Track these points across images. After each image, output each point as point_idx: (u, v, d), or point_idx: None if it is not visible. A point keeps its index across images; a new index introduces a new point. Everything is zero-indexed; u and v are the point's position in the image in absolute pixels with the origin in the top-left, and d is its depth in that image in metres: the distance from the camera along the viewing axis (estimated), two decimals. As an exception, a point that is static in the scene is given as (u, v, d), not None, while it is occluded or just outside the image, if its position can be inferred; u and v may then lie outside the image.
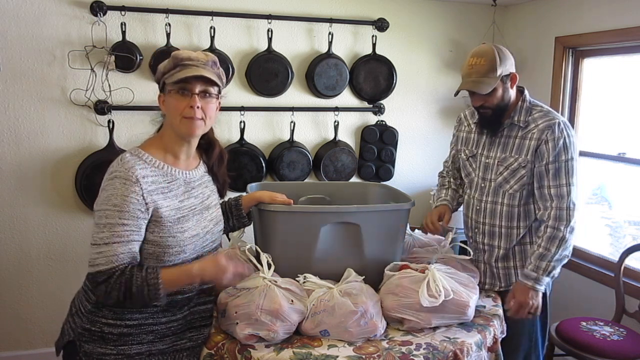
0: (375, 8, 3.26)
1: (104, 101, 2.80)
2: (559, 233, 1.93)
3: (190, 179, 1.63)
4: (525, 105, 2.07)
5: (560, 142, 1.96)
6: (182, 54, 1.55)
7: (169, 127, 1.59)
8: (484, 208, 2.15)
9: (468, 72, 2.00)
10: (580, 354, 2.40)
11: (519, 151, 2.04)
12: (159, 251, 1.52)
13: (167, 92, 1.56)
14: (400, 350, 1.63)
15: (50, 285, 2.92)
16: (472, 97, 2.05)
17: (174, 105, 1.54)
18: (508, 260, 2.14)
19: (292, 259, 1.85)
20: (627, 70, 2.89)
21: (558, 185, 1.97)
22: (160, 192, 1.52)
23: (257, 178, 3.07)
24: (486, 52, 1.98)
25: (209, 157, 1.74)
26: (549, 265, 1.92)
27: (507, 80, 2.01)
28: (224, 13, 2.95)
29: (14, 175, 2.79)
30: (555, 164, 1.97)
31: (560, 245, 1.93)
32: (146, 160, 1.54)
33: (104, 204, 1.46)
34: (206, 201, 1.68)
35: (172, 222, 1.53)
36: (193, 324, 1.68)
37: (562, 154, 1.96)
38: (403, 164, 3.49)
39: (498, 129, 2.09)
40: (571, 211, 1.95)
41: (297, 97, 3.19)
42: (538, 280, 1.92)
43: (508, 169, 2.06)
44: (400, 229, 1.96)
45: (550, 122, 1.99)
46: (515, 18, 3.47)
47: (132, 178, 1.46)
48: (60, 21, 2.74)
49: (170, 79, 1.53)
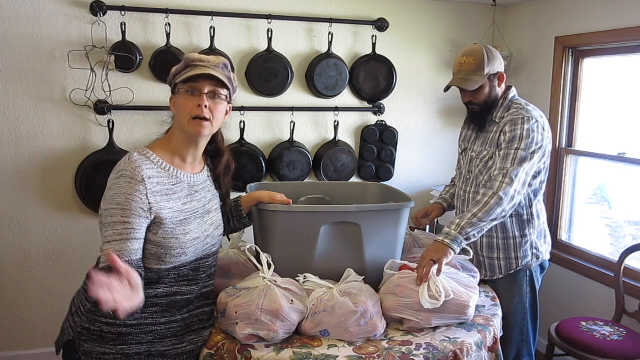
0: (375, 8, 3.26)
1: (104, 101, 2.80)
2: (484, 198, 1.98)
3: (194, 183, 1.64)
4: (506, 103, 2.17)
5: (517, 133, 2.04)
6: (193, 56, 1.57)
7: (178, 128, 1.59)
8: (467, 199, 2.25)
9: (458, 70, 2.14)
10: (580, 354, 2.40)
11: (490, 144, 2.15)
12: (161, 252, 1.52)
13: (177, 92, 1.58)
14: (400, 350, 1.63)
15: (50, 285, 2.92)
16: (461, 94, 2.20)
17: (182, 105, 1.55)
18: (492, 252, 2.20)
19: (292, 259, 1.85)
20: (627, 70, 2.89)
21: (502, 168, 2.02)
22: (165, 193, 1.53)
23: (257, 178, 3.07)
24: (475, 51, 2.11)
25: (215, 165, 1.74)
26: (462, 221, 1.94)
27: (495, 79, 2.14)
28: (224, 13, 2.95)
29: (14, 175, 2.79)
30: (506, 150, 2.04)
31: (481, 209, 1.95)
32: (153, 161, 1.55)
33: (109, 203, 1.47)
34: (207, 205, 1.68)
35: (175, 224, 1.53)
36: (193, 327, 1.68)
37: (514, 142, 2.03)
38: (403, 164, 3.49)
39: (484, 124, 2.20)
40: (506, 185, 1.97)
41: (297, 97, 3.19)
42: (449, 234, 1.93)
43: (482, 161, 2.17)
44: (400, 229, 1.96)
45: (515, 117, 2.08)
46: (515, 18, 3.47)
47: (138, 177, 1.47)
48: (60, 21, 2.74)
49: (180, 79, 1.55)
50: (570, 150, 3.13)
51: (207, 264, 1.68)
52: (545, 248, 2.25)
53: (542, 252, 2.23)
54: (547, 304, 3.02)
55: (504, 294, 2.17)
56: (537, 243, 2.20)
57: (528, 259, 2.19)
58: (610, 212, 3.07)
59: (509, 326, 2.14)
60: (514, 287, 2.20)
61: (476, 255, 2.22)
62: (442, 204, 2.43)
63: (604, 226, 3.07)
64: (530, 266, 2.20)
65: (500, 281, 2.21)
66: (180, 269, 1.58)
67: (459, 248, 1.92)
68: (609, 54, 2.94)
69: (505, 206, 1.96)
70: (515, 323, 2.19)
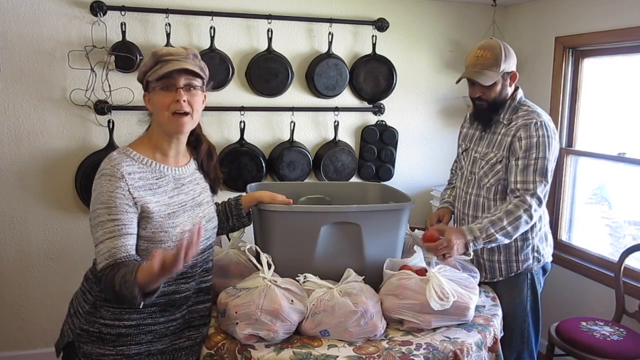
0: (375, 8, 3.26)
1: (104, 101, 2.80)
2: (517, 211, 1.98)
3: (179, 176, 1.63)
4: (514, 104, 2.14)
5: (533, 141, 2.02)
6: (161, 51, 1.56)
7: (157, 125, 1.59)
8: (469, 200, 2.23)
9: (473, 63, 2.08)
10: (580, 354, 2.40)
11: (498, 147, 2.12)
12: (152, 247, 1.51)
13: (151, 90, 1.56)
14: (400, 350, 1.63)
15: (50, 285, 2.92)
16: (471, 88, 2.15)
17: (159, 102, 1.54)
18: (493, 254, 2.19)
19: (292, 259, 1.85)
20: (627, 70, 2.89)
21: (525, 181, 2.01)
22: (149, 188, 1.52)
23: (257, 178, 3.07)
24: (493, 46, 2.07)
25: (197, 154, 1.74)
26: (493, 234, 1.95)
27: (508, 77, 2.10)
28: (224, 13, 2.95)
29: (14, 175, 2.79)
30: (525, 160, 2.02)
31: (512, 222, 1.96)
32: (133, 158, 1.54)
33: (95, 204, 1.48)
34: (197, 198, 1.67)
35: (163, 218, 1.53)
36: (192, 323, 1.68)
37: (532, 151, 2.02)
38: (403, 164, 3.49)
39: (489, 123, 2.17)
40: (535, 204, 1.99)
41: (297, 97, 3.19)
42: (476, 240, 1.94)
43: (488, 164, 2.14)
44: (400, 229, 1.96)
45: (527, 121, 2.05)
46: (515, 18, 3.47)
47: (117, 174, 1.47)
48: (60, 21, 2.74)
49: (153, 76, 1.53)
50: (570, 150, 3.13)
51: (202, 259, 1.68)
52: (547, 250, 2.24)
53: (544, 255, 2.21)
54: (547, 304, 3.01)
55: (504, 297, 2.15)
56: (539, 246, 2.18)
57: (529, 262, 2.17)
58: (610, 212, 3.07)
59: (509, 328, 2.11)
60: (515, 290, 2.18)
61: (476, 257, 2.20)
62: (449, 208, 2.39)
63: (604, 226, 3.07)
64: (531, 269, 2.18)
65: (501, 283, 2.20)
66: None
67: (472, 249, 1.95)
68: (609, 54, 2.94)
69: (529, 225, 2.00)
70: (515, 325, 2.17)
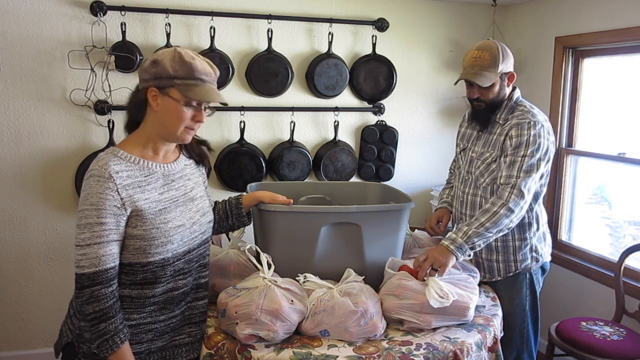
0: (375, 8, 3.26)
1: (104, 101, 2.80)
2: (493, 207, 1.97)
3: (169, 172, 1.62)
4: (510, 104, 2.14)
5: (524, 139, 2.01)
6: (198, 66, 1.50)
7: (159, 126, 1.55)
8: (466, 200, 2.23)
9: (471, 64, 2.07)
10: (580, 354, 2.40)
11: (493, 147, 2.12)
12: (145, 244, 1.51)
13: (168, 93, 1.49)
14: (400, 350, 1.63)
15: (50, 285, 2.92)
16: (469, 89, 2.14)
17: (177, 114, 1.51)
18: (491, 254, 2.19)
19: (292, 259, 1.85)
20: (627, 70, 2.89)
21: (509, 176, 2.01)
22: (137, 185, 1.52)
23: (257, 178, 3.07)
24: (491, 47, 2.06)
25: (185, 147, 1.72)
26: (469, 229, 1.93)
27: (505, 78, 2.10)
28: (224, 13, 2.95)
29: (14, 175, 2.79)
30: (512, 157, 2.02)
31: (489, 218, 1.95)
32: (121, 157, 1.53)
33: (82, 204, 1.48)
34: (190, 193, 1.67)
35: (154, 214, 1.52)
36: (191, 320, 1.69)
37: (521, 149, 2.01)
38: (403, 164, 3.49)
39: (487, 123, 2.17)
40: (514, 195, 1.96)
41: (297, 97, 3.19)
42: (455, 241, 1.92)
43: (484, 163, 2.14)
44: (400, 229, 1.96)
45: (521, 120, 2.05)
46: (515, 18, 3.47)
47: (105, 174, 1.46)
48: (60, 21, 2.74)
49: (186, 91, 1.49)
50: (570, 150, 3.13)
51: (198, 253, 1.67)
52: (545, 250, 2.24)
53: (543, 255, 2.21)
54: (547, 304, 3.02)
55: (503, 296, 2.15)
56: (537, 246, 2.18)
57: (527, 262, 2.17)
58: (610, 212, 3.07)
59: (508, 328, 2.11)
60: (513, 290, 2.18)
61: (475, 256, 2.19)
62: (448, 208, 2.40)
63: (604, 226, 3.07)
64: (529, 269, 2.18)
65: (499, 283, 2.20)
66: (175, 264, 1.57)
67: (462, 256, 1.92)
68: (609, 54, 2.94)
69: (513, 217, 1.96)
70: (514, 325, 2.17)
